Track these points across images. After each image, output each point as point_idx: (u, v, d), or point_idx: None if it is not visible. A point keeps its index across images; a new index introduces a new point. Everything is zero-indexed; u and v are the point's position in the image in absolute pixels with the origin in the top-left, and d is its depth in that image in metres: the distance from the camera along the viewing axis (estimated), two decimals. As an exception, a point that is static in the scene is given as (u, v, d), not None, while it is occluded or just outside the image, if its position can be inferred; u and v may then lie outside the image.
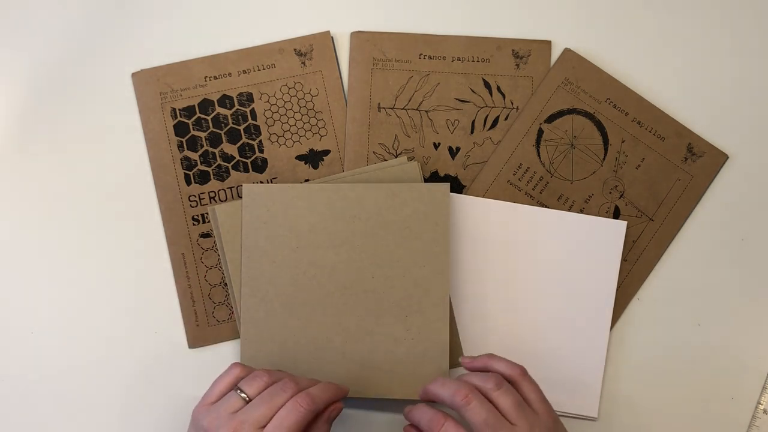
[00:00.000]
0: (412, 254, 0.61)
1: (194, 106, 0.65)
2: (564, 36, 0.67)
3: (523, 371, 0.54)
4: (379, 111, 0.66)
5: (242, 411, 0.50)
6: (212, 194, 0.65)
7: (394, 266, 0.61)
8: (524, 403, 0.52)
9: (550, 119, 0.66)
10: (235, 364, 0.54)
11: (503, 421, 0.51)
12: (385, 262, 0.61)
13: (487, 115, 0.66)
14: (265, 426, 0.49)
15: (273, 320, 0.60)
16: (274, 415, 0.49)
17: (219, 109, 0.65)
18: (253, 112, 0.66)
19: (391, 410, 0.62)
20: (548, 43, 0.67)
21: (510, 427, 0.50)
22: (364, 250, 0.61)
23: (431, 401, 0.55)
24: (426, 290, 0.60)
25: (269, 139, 0.65)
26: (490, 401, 0.51)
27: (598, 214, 0.65)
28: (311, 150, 0.66)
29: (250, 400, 0.50)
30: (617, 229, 0.64)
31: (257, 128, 0.66)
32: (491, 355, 0.56)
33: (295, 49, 0.66)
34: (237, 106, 0.66)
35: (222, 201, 0.65)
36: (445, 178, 0.65)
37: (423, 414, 0.53)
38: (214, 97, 0.66)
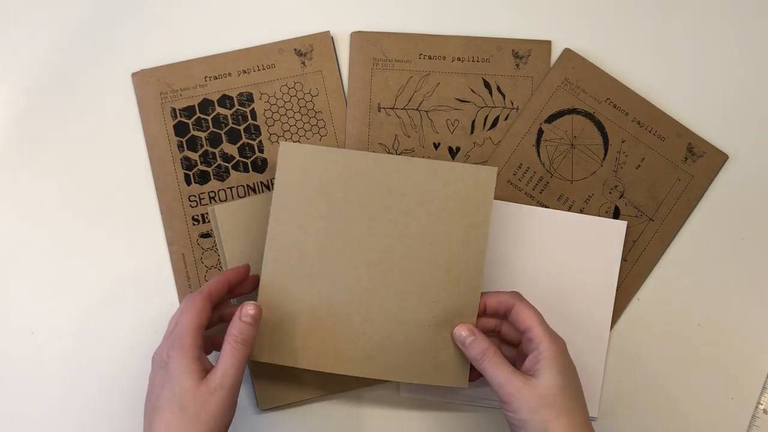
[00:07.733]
0: (448, 238, 0.57)
1: (194, 106, 0.65)
2: (564, 36, 0.67)
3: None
4: (379, 111, 0.66)
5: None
6: (212, 194, 0.65)
7: (427, 248, 0.57)
8: None
9: (550, 119, 0.66)
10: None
11: None
12: (417, 242, 0.57)
13: (487, 115, 0.66)
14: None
15: (293, 288, 0.57)
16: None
17: (219, 109, 0.65)
18: (253, 112, 0.66)
19: (393, 409, 0.62)
20: (548, 43, 0.67)
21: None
22: (396, 226, 0.57)
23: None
24: (457, 278, 0.57)
25: (269, 139, 0.65)
26: None
27: (598, 214, 0.65)
28: (311, 150, 0.66)
29: None
30: (617, 229, 0.64)
31: (257, 128, 0.66)
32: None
33: (295, 49, 0.66)
34: (237, 106, 0.66)
35: (222, 201, 0.65)
36: (446, 178, 0.65)
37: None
38: (214, 97, 0.66)
